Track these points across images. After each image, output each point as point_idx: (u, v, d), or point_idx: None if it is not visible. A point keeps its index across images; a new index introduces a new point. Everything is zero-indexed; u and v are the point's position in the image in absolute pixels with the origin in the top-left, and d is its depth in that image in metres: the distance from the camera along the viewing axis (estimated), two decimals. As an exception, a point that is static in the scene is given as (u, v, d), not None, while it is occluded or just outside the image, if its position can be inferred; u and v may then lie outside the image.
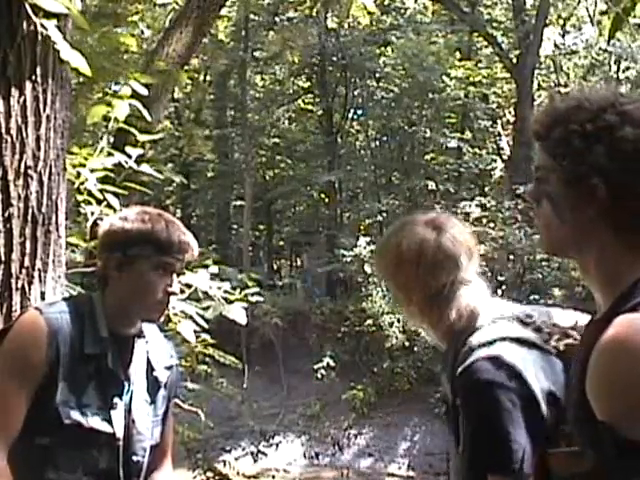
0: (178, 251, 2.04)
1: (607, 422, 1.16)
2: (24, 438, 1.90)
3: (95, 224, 3.01)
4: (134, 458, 2.06)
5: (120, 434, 2.01)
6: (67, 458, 1.95)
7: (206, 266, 3.41)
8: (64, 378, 1.93)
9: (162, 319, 2.15)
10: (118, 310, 2.04)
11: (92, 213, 3.15)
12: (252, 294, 3.53)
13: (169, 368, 2.17)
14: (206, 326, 3.40)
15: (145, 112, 3.25)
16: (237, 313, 3.39)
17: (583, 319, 1.74)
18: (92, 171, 3.14)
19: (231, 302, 3.45)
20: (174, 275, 2.06)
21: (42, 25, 2.15)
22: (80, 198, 3.17)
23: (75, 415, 1.94)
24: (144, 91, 3.19)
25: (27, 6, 2.12)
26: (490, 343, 1.67)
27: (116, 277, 2.03)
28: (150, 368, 2.12)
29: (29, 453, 1.92)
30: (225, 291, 3.45)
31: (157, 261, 2.01)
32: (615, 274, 1.32)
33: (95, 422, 1.97)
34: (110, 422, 2.00)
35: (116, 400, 2.02)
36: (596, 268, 1.36)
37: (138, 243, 2.00)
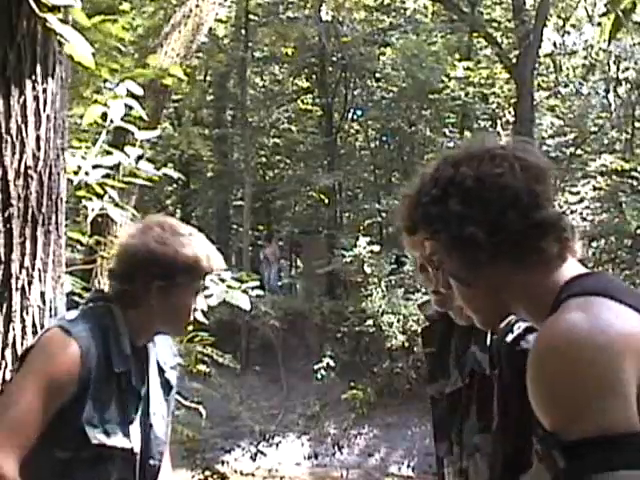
0: (211, 273, 2.10)
1: (553, 432, 1.13)
2: (43, 450, 1.88)
3: (96, 221, 3.01)
4: (151, 462, 2.08)
5: (137, 449, 2.02)
6: (83, 472, 1.94)
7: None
8: (92, 397, 1.93)
9: None
10: (146, 328, 2.05)
11: (92, 209, 3.16)
12: (252, 288, 3.55)
13: (174, 367, 2.20)
14: (206, 322, 3.40)
15: (142, 111, 3.25)
16: (241, 299, 3.40)
17: None
18: (93, 167, 3.14)
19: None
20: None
21: (46, 20, 2.15)
22: (80, 193, 3.17)
23: (100, 436, 1.94)
24: (139, 91, 3.19)
25: (31, 1, 2.11)
26: None
27: (154, 301, 2.02)
28: (160, 370, 2.14)
29: (47, 465, 1.91)
30: (224, 280, 3.45)
31: (198, 287, 2.06)
32: (544, 304, 1.27)
33: (116, 440, 1.97)
34: (128, 437, 2.00)
35: (134, 414, 2.03)
36: (527, 307, 1.32)
37: (183, 272, 2.01)
